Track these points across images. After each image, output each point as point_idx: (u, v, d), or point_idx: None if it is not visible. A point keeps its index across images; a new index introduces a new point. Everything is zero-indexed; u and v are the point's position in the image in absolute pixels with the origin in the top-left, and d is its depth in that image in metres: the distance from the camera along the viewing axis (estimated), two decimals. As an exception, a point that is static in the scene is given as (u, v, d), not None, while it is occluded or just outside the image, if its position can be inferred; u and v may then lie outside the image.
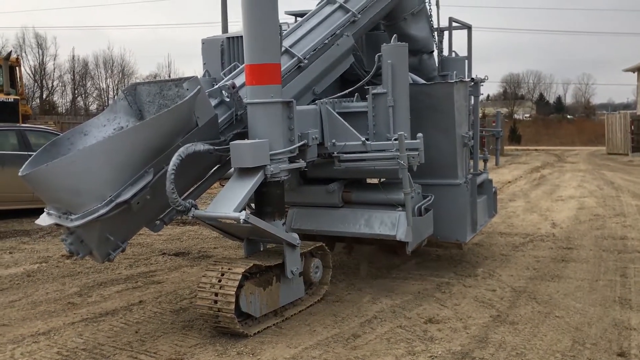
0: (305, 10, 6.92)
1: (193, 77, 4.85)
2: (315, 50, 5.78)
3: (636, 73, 34.22)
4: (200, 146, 4.73)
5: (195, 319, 5.07)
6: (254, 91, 4.98)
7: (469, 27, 7.87)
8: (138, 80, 7.56)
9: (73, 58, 50.43)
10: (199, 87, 4.76)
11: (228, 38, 6.66)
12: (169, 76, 58.27)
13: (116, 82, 56.26)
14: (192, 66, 71.75)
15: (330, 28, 5.92)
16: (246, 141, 4.84)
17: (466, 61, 7.30)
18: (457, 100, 6.02)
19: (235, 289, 4.46)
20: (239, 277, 4.51)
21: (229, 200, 4.64)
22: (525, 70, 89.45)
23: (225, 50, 6.67)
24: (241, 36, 6.56)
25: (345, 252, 7.28)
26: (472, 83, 6.57)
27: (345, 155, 5.49)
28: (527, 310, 5.32)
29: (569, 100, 76.43)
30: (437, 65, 7.21)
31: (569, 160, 25.70)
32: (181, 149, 4.59)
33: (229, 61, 6.62)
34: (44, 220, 4.77)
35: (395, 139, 5.25)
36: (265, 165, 4.82)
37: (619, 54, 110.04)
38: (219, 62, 6.70)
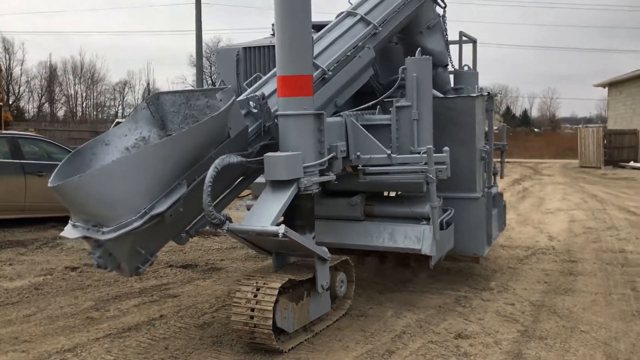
0: (317, 21, 6.89)
1: (227, 87, 4.78)
2: (338, 62, 5.75)
3: (607, 88, 35.08)
4: (234, 158, 4.65)
5: (223, 334, 4.97)
6: (286, 103, 4.91)
7: (474, 41, 7.95)
8: (161, 90, 7.35)
9: (44, 63, 49.59)
10: (233, 98, 4.68)
11: (244, 48, 6.58)
12: (148, 84, 57.79)
13: (84, 88, 55.51)
14: (164, 74, 71.04)
15: (353, 40, 5.89)
16: (280, 153, 4.77)
17: (478, 75, 7.36)
18: (478, 114, 6.05)
19: (272, 304, 4.37)
20: (276, 291, 4.42)
21: (265, 214, 4.56)
22: (492, 84, 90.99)
23: (240, 61, 6.59)
24: (258, 47, 6.55)
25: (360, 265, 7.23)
26: (487, 97, 6.62)
27: (370, 168, 5.46)
28: (551, 324, 5.34)
29: (534, 113, 78.11)
30: (449, 79, 7.26)
31: (544, 172, 26.12)
32: (217, 161, 4.50)
33: (245, 72, 6.55)
34: (70, 233, 4.60)
35: (423, 153, 5.25)
36: (299, 178, 4.75)
37: (581, 70, 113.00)
38: (234, 72, 6.62)
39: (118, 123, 18.04)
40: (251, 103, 5.08)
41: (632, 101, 31.44)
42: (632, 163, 29.14)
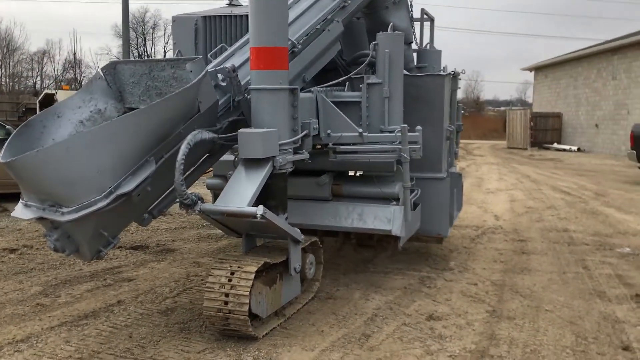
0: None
1: (198, 58, 4.45)
2: (307, 35, 5.51)
3: (533, 72, 36.30)
4: (206, 134, 4.36)
5: (189, 320, 4.71)
6: (260, 76, 4.64)
7: (432, 20, 7.88)
8: (115, 59, 6.79)
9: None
10: (206, 69, 4.38)
11: (204, 17, 6.21)
12: (75, 54, 55.08)
13: (-1, 57, 52.49)
14: (86, 44, 67.76)
15: (322, 13, 5.66)
16: (256, 130, 4.51)
17: (441, 53, 7.29)
18: (446, 93, 5.98)
19: (249, 289, 4.15)
20: (252, 275, 4.20)
21: (241, 194, 4.31)
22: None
23: (199, 30, 6.22)
24: (218, 16, 6.20)
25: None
26: (453, 76, 6.57)
27: (342, 146, 5.29)
28: (516, 304, 5.39)
29: (459, 95, 79.97)
30: (413, 56, 7.15)
31: (475, 153, 26.85)
32: (189, 137, 4.20)
33: (205, 42, 6.20)
34: (22, 213, 4.18)
35: (398, 132, 5.13)
36: (274, 157, 4.52)
37: (504, 53, 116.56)
38: (192, 42, 6.25)
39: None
40: (219, 75, 4.77)
41: (556, 85, 32.69)
42: (555, 145, 30.43)
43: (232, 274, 4.24)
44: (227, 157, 5.22)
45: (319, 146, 5.45)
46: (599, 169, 19.04)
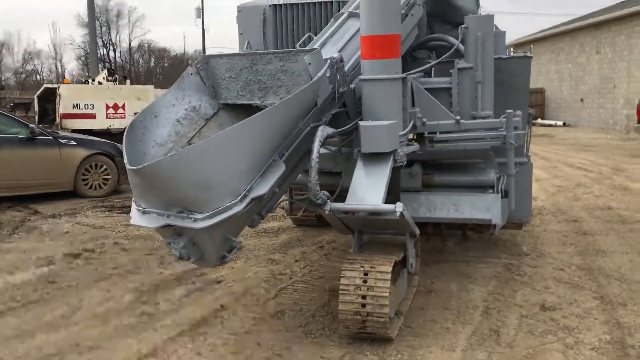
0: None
1: (315, 49, 4.19)
2: (394, 20, 5.28)
3: (512, 48, 36.46)
4: (329, 130, 4.14)
5: (307, 324, 4.50)
6: (375, 66, 4.41)
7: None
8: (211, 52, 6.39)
9: None
10: (329, 61, 4.14)
11: (273, 6, 5.92)
12: (55, 46, 53.25)
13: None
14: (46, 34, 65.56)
15: (405, -3, 5.44)
16: (380, 122, 4.30)
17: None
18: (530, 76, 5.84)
19: (388, 289, 3.97)
20: (388, 275, 4.02)
21: (372, 191, 4.12)
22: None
23: (268, 20, 5.94)
24: (290, 4, 5.93)
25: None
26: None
27: (439, 135, 5.10)
28: (617, 289, 5.31)
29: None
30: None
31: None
32: (319, 134, 3.99)
33: (275, 32, 5.92)
34: (144, 220, 3.89)
35: (503, 117, 4.98)
36: (396, 150, 4.33)
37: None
38: (260, 32, 5.96)
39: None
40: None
41: (538, 61, 32.91)
42: (539, 120, 30.72)
43: (366, 274, 4.05)
44: None
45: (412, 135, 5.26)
46: (597, 144, 19.24)
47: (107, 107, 15.42)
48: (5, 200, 9.17)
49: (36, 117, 15.48)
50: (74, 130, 13.44)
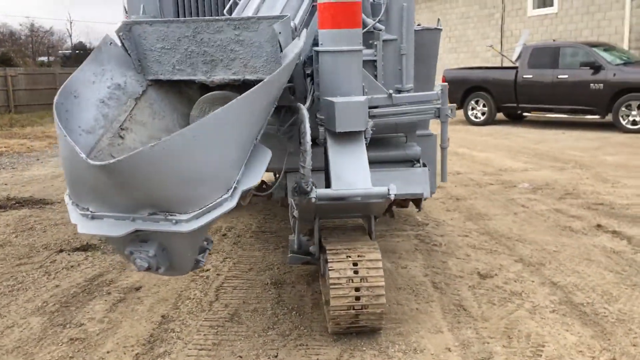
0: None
1: (285, 16, 3.66)
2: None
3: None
4: (305, 110, 3.71)
5: (275, 325, 4.05)
6: (334, 36, 4.02)
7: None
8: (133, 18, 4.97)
9: None
10: (304, 31, 3.67)
11: (170, -37, 5.13)
12: None
13: None
14: None
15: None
16: (355, 98, 3.95)
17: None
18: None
19: (383, 279, 3.71)
20: (380, 263, 3.76)
21: (357, 174, 3.79)
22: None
23: (163, -20, 5.14)
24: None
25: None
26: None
27: (378, 110, 4.89)
28: (525, 250, 5.68)
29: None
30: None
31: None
32: (305, 113, 3.57)
33: (174, -5, 5.16)
34: (101, 228, 3.10)
35: (438, 90, 4.94)
36: (366, 127, 4.04)
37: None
38: (155, -4, 5.15)
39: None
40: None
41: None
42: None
43: (355, 264, 3.74)
44: None
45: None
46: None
47: None
48: None
49: None
50: None
